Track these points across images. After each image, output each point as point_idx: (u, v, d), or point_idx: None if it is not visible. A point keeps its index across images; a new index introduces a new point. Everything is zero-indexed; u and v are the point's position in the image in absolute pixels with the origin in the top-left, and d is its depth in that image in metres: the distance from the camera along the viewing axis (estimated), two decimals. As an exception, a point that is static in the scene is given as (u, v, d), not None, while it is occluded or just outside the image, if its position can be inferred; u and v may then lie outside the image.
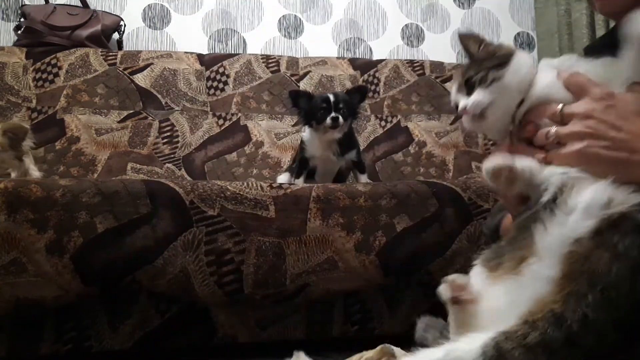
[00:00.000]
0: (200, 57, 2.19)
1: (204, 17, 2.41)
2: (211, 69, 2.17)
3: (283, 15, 2.48)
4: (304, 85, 2.20)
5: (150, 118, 2.05)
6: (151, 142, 2.01)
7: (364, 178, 1.75)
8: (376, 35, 2.55)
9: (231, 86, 2.17)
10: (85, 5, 2.19)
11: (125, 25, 2.25)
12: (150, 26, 2.37)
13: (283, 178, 1.81)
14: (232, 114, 2.13)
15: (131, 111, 2.04)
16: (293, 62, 2.25)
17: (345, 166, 1.78)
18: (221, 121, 2.11)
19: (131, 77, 2.07)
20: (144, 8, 2.36)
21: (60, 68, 2.03)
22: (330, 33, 2.51)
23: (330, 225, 1.21)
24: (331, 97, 1.67)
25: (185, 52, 2.21)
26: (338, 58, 2.34)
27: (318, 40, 2.49)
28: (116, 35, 2.25)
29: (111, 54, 2.10)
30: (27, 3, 2.21)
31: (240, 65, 2.20)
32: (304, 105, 1.72)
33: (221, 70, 2.18)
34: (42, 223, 1.07)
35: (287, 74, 2.22)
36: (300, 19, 2.49)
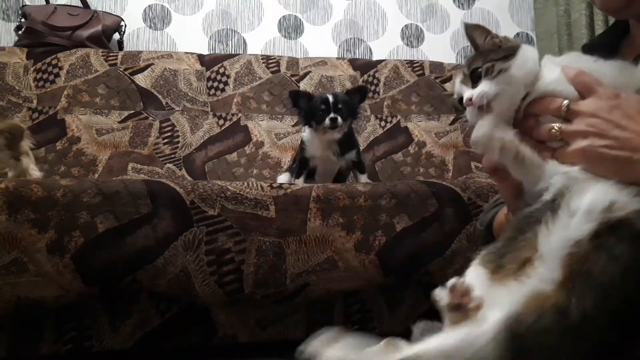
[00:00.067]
0: (200, 58, 2.20)
1: (205, 18, 2.42)
2: (211, 70, 2.17)
3: (283, 15, 2.48)
4: (304, 85, 2.20)
5: (150, 118, 2.05)
6: (152, 142, 2.02)
7: (364, 178, 1.75)
8: (376, 35, 2.56)
9: (231, 86, 2.17)
10: (85, 5, 2.19)
11: (125, 25, 2.26)
12: (150, 27, 2.37)
13: (283, 178, 1.81)
14: (233, 114, 2.13)
15: (132, 111, 2.05)
16: (293, 63, 2.26)
17: (345, 166, 1.78)
18: (221, 121, 2.12)
19: (132, 78, 2.08)
20: (145, 8, 2.37)
21: (61, 68, 2.04)
22: (330, 33, 2.52)
23: (330, 225, 1.21)
24: (330, 98, 1.67)
25: (185, 53, 2.21)
26: (338, 58, 2.34)
27: (318, 40, 2.49)
28: (117, 35, 2.26)
29: (112, 55, 2.11)
30: (28, 3, 2.21)
31: (240, 65, 2.21)
32: (304, 105, 1.72)
33: (221, 70, 2.18)
34: (43, 223, 1.07)
35: (287, 75, 2.22)
36: (300, 20, 2.50)
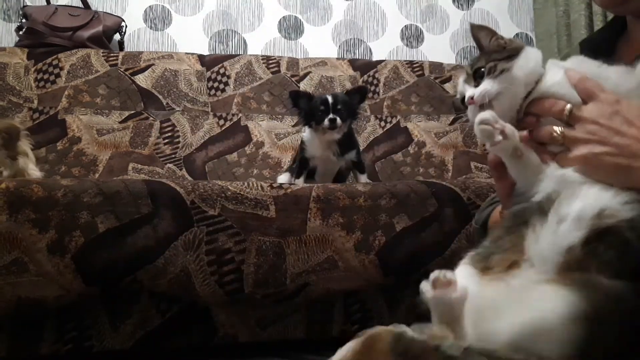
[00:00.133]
0: (201, 58, 2.20)
1: (205, 18, 2.42)
2: (212, 70, 2.17)
3: (283, 16, 2.49)
4: (304, 86, 2.20)
5: (151, 118, 2.06)
6: (152, 143, 2.02)
7: (364, 178, 1.76)
8: (376, 36, 2.56)
9: (232, 87, 2.17)
10: (86, 6, 2.19)
11: (126, 26, 2.26)
12: (151, 27, 2.37)
13: (283, 178, 1.82)
14: (233, 115, 2.14)
15: (132, 112, 2.05)
16: (293, 63, 2.26)
17: (345, 166, 1.78)
18: (222, 121, 2.12)
19: (132, 78, 2.08)
20: (145, 9, 2.37)
21: (61, 69, 2.04)
22: (330, 34, 2.52)
23: (330, 225, 1.21)
24: (329, 99, 1.67)
25: (186, 53, 2.22)
26: (338, 59, 2.34)
27: (318, 41, 2.50)
28: (117, 36, 2.26)
29: (112, 55, 2.11)
30: (29, 4, 2.21)
31: (240, 66, 2.21)
32: (304, 105, 1.72)
33: (222, 71, 2.18)
34: (44, 223, 1.07)
35: (288, 75, 2.22)
36: (300, 20, 2.50)
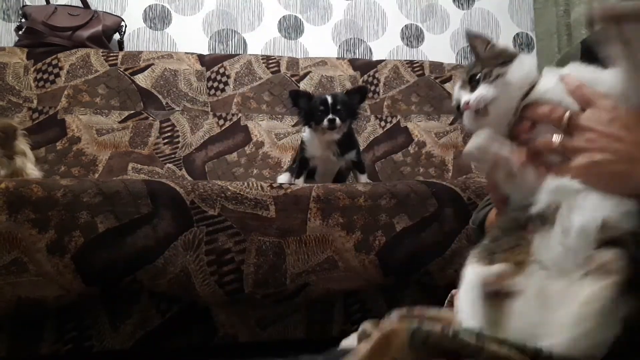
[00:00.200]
0: (200, 58, 2.20)
1: (205, 18, 2.42)
2: (212, 70, 2.17)
3: (283, 15, 2.48)
4: (304, 85, 2.20)
5: (151, 118, 2.05)
6: (152, 143, 2.02)
7: (364, 178, 1.75)
8: (376, 35, 2.56)
9: (232, 86, 2.17)
10: (86, 6, 2.19)
11: (126, 25, 2.26)
12: (151, 27, 2.37)
13: (283, 178, 1.81)
14: (233, 114, 2.14)
15: (132, 111, 2.05)
16: (293, 63, 2.26)
17: (345, 166, 1.78)
18: (222, 121, 2.12)
19: (132, 78, 2.08)
20: (145, 9, 2.37)
21: (61, 68, 2.04)
22: (330, 34, 2.52)
23: (330, 225, 1.21)
24: (329, 99, 1.67)
25: (185, 53, 2.21)
26: (338, 59, 2.34)
27: (318, 40, 2.49)
28: (117, 35, 2.26)
29: (112, 55, 2.11)
30: (28, 4, 2.21)
31: (240, 65, 2.21)
32: (304, 105, 1.72)
33: (222, 70, 2.18)
34: (43, 223, 1.07)
35: (288, 75, 2.22)
36: (300, 20, 2.50)
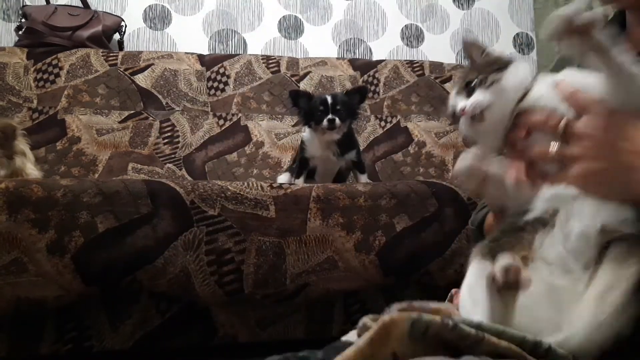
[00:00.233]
0: (200, 58, 2.20)
1: (205, 18, 2.42)
2: (212, 70, 2.17)
3: (283, 15, 2.48)
4: (304, 85, 2.20)
5: (151, 118, 2.05)
6: (152, 143, 2.02)
7: (364, 178, 1.75)
8: (376, 35, 2.56)
9: (232, 86, 2.17)
10: (86, 6, 2.19)
11: (126, 25, 2.26)
12: (151, 27, 2.37)
13: (283, 178, 1.81)
14: (233, 114, 2.14)
15: (132, 111, 2.05)
16: (293, 63, 2.26)
17: (345, 166, 1.78)
18: (222, 121, 2.12)
19: (132, 78, 2.08)
20: (145, 9, 2.37)
21: (61, 68, 2.04)
22: (330, 34, 2.52)
23: (330, 225, 1.21)
24: (329, 99, 1.67)
25: (185, 53, 2.21)
26: (338, 59, 2.34)
27: (318, 40, 2.49)
28: (117, 35, 2.25)
29: (112, 55, 2.11)
30: (28, 4, 2.21)
31: (240, 65, 2.21)
32: (304, 105, 1.72)
33: (222, 70, 2.18)
34: (43, 223, 1.07)
35: (288, 75, 2.22)
36: (300, 20, 2.50)
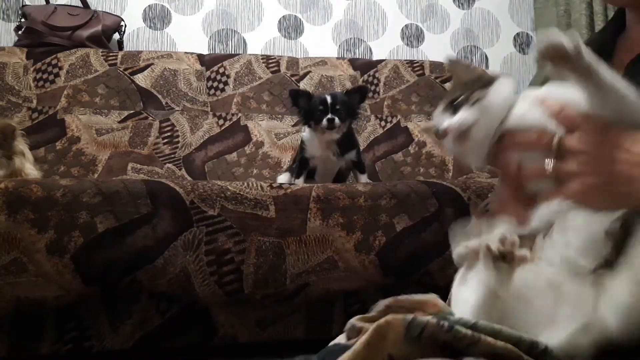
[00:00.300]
0: (200, 58, 2.19)
1: (204, 18, 2.42)
2: (211, 69, 2.17)
3: (283, 15, 2.48)
4: (304, 85, 2.20)
5: (150, 118, 2.05)
6: (151, 142, 2.01)
7: (364, 178, 1.75)
8: (376, 35, 2.56)
9: (231, 86, 2.17)
10: (85, 5, 2.19)
11: (125, 25, 2.25)
12: (150, 26, 2.37)
13: (283, 178, 1.81)
14: (233, 114, 2.13)
15: (132, 111, 2.04)
16: (293, 63, 2.26)
17: (345, 166, 1.78)
18: (221, 121, 2.12)
19: (132, 78, 2.08)
20: (145, 8, 2.37)
21: (60, 68, 2.03)
22: (330, 33, 2.52)
23: (330, 225, 1.21)
24: (328, 99, 1.67)
25: (185, 53, 2.21)
26: (338, 58, 2.34)
27: (318, 40, 2.49)
28: (117, 35, 2.25)
29: (112, 55, 2.10)
30: (28, 3, 2.21)
31: (240, 65, 2.21)
32: (304, 104, 1.72)
33: (221, 70, 2.18)
34: (43, 223, 1.07)
35: (287, 74, 2.22)
36: (300, 20, 2.50)
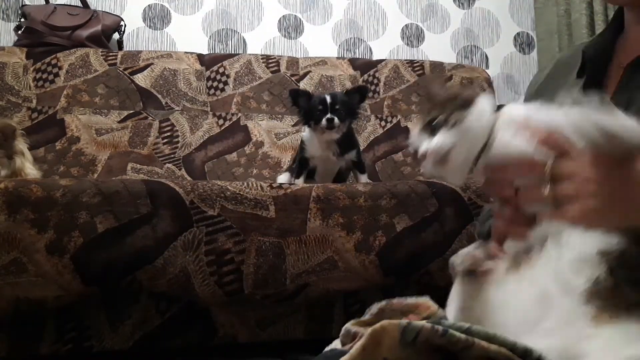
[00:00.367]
0: (200, 57, 2.19)
1: (204, 17, 2.41)
2: (211, 69, 2.17)
3: (283, 15, 2.48)
4: (304, 85, 2.20)
5: (150, 118, 2.05)
6: (151, 142, 2.01)
7: (364, 178, 1.75)
8: (376, 35, 2.55)
9: (231, 86, 2.17)
10: (85, 5, 2.19)
11: (125, 25, 2.25)
12: (150, 26, 2.37)
13: (283, 178, 1.81)
14: (232, 114, 2.13)
15: (131, 111, 2.04)
16: (293, 62, 2.25)
17: (345, 166, 1.78)
18: (221, 121, 2.11)
19: (131, 77, 2.07)
20: (144, 8, 2.36)
21: (60, 68, 2.03)
22: (330, 33, 2.51)
23: (330, 225, 1.21)
24: (328, 98, 1.66)
25: (185, 52, 2.21)
26: (338, 58, 2.34)
27: (318, 40, 2.49)
28: (116, 35, 2.25)
29: (111, 54, 2.10)
30: (28, 3, 2.21)
31: (240, 65, 2.20)
32: (304, 104, 1.72)
33: (221, 70, 2.18)
34: (43, 223, 1.07)
35: (287, 74, 2.22)
36: (300, 19, 2.49)
